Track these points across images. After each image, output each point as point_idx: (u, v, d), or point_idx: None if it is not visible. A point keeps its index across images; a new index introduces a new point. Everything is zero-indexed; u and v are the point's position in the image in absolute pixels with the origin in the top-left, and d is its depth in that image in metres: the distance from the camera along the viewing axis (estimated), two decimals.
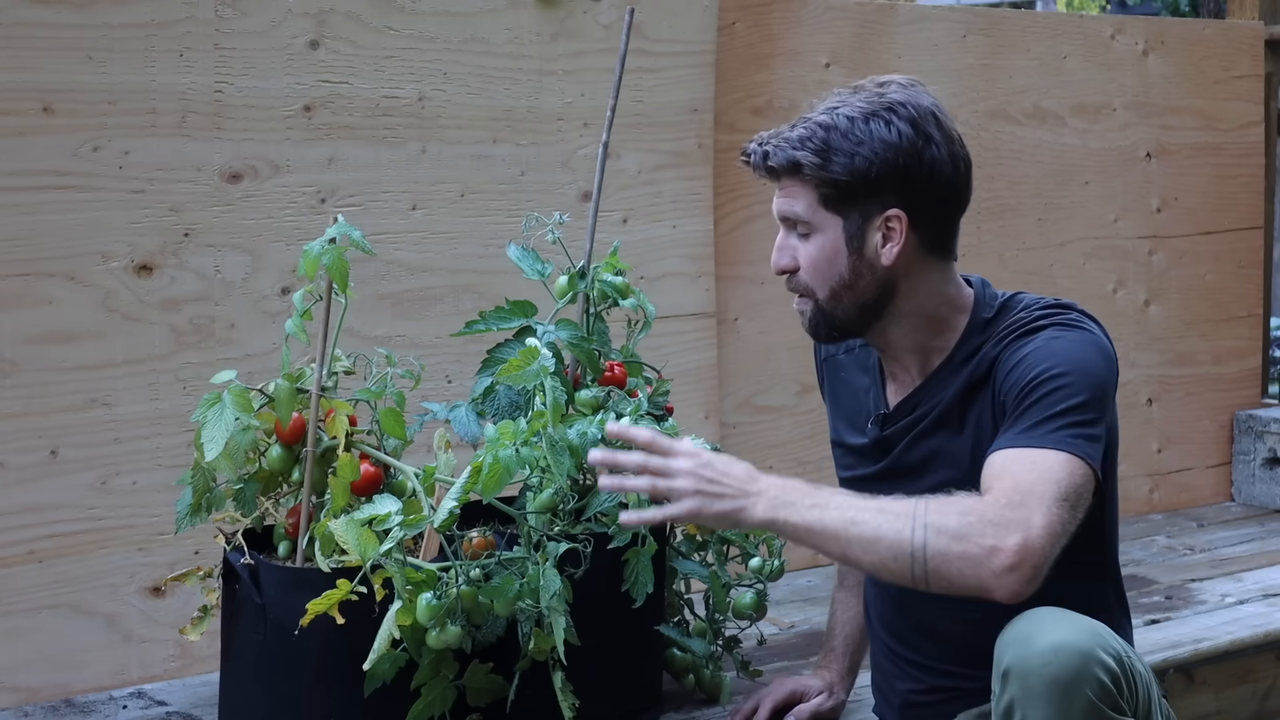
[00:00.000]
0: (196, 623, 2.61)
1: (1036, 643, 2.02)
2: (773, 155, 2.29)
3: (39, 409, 2.83)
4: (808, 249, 2.31)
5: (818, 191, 2.27)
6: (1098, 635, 2.03)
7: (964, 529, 2.02)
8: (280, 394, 2.46)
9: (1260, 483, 4.44)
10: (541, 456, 2.35)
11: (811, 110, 2.32)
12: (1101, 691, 2.00)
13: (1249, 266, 4.55)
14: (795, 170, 2.28)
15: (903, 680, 2.47)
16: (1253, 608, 3.43)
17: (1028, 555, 2.01)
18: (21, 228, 2.80)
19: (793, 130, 2.29)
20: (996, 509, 2.04)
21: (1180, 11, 14.79)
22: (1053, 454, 2.11)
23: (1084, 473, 2.12)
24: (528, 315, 2.63)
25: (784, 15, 3.70)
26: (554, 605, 2.32)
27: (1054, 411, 2.15)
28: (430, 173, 3.22)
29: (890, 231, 2.28)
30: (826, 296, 2.31)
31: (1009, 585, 2.01)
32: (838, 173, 2.26)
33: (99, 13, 2.85)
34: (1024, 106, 4.11)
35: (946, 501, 2.07)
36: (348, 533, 2.28)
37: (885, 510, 2.07)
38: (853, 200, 2.27)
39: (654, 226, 3.51)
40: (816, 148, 2.26)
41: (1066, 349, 2.22)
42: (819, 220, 2.29)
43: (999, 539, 2.01)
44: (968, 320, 2.34)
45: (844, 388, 2.52)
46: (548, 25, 3.34)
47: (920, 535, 2.03)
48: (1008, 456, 2.13)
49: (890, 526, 2.05)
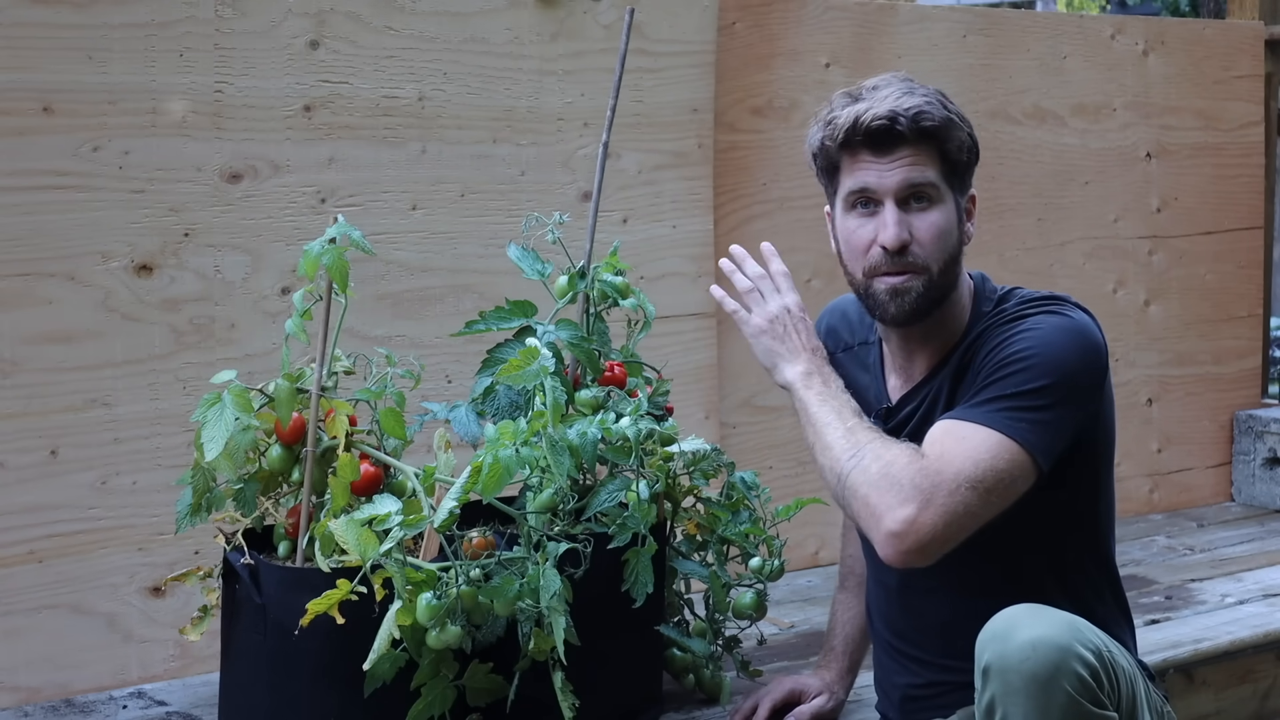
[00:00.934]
0: (196, 623, 2.61)
1: (1014, 639, 2.02)
2: (930, 114, 2.24)
3: (39, 409, 2.83)
4: (930, 219, 2.27)
5: (945, 162, 2.27)
6: (1075, 630, 2.03)
7: (878, 479, 2.13)
8: (280, 394, 2.46)
9: (1260, 483, 4.44)
10: (541, 456, 2.35)
11: (875, 92, 2.27)
12: (1080, 686, 2.00)
13: (1249, 266, 4.55)
14: (940, 133, 2.25)
15: (902, 675, 2.47)
16: (1253, 608, 3.43)
17: (914, 530, 2.09)
18: (21, 228, 2.80)
19: (911, 97, 2.25)
20: (911, 473, 2.12)
21: (1180, 11, 14.79)
22: (985, 432, 2.15)
23: (1014, 457, 2.14)
24: (528, 315, 2.63)
25: (784, 15, 3.70)
26: (554, 605, 2.32)
27: (1006, 392, 2.18)
28: (430, 173, 3.22)
29: (969, 213, 2.35)
30: (940, 270, 2.28)
31: (889, 550, 2.12)
32: (966, 144, 2.28)
33: (99, 13, 2.85)
34: (1024, 106, 4.11)
35: (887, 448, 2.16)
36: (348, 533, 2.28)
37: (854, 432, 2.20)
38: (965, 175, 2.31)
39: (654, 226, 3.51)
40: (957, 115, 2.27)
41: (1042, 335, 2.23)
42: (943, 191, 2.28)
43: (895, 505, 2.11)
44: (970, 312, 2.35)
45: (849, 385, 2.51)
46: (548, 25, 3.34)
47: (850, 465, 2.16)
48: (945, 427, 2.19)
49: (841, 445, 2.20)
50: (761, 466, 3.17)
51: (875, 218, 2.27)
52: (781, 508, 2.70)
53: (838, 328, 2.55)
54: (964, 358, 2.31)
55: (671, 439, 2.57)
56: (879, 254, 2.27)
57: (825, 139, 2.30)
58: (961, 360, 2.32)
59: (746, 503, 2.67)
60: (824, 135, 2.30)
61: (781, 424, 3.71)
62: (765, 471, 3.09)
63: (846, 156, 2.29)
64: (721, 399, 3.62)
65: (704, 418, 3.56)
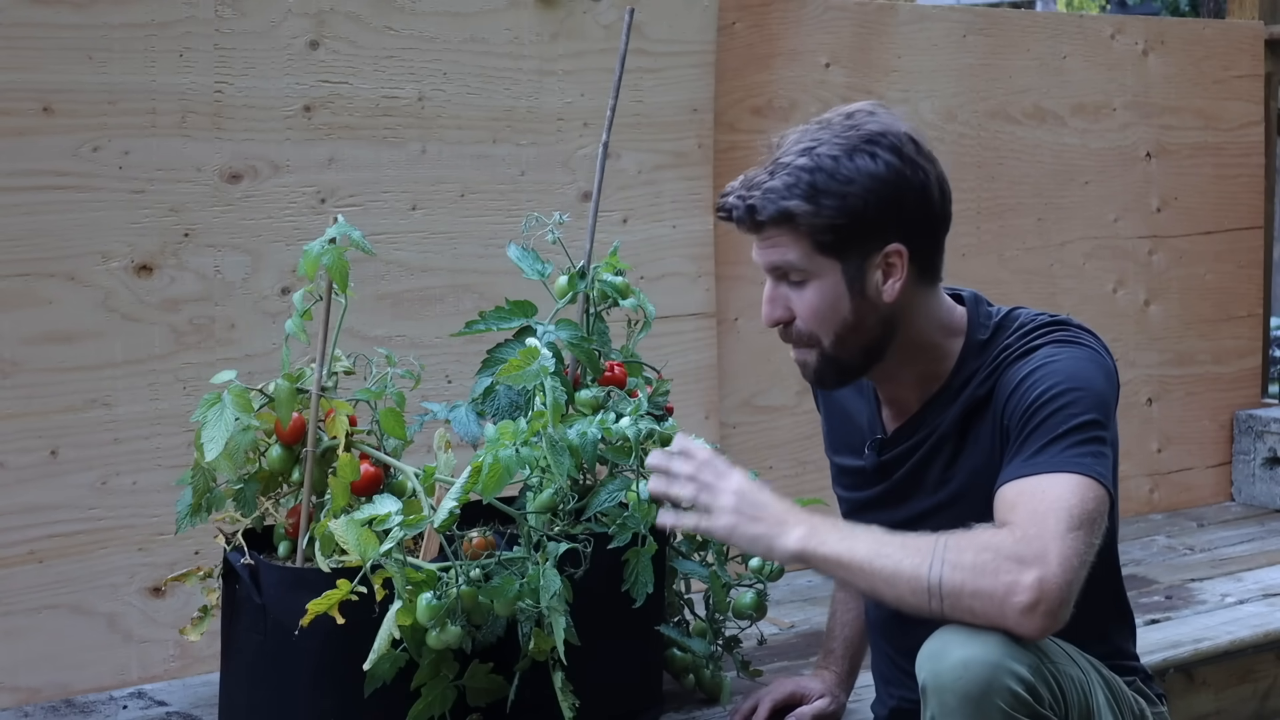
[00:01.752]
0: (196, 623, 2.61)
1: (947, 658, 2.00)
2: (761, 209, 2.17)
3: (39, 409, 2.83)
4: (806, 297, 2.22)
5: (811, 239, 2.18)
6: (1008, 646, 2.00)
7: (980, 566, 2.00)
8: (280, 394, 2.46)
9: (1260, 483, 4.44)
10: (541, 456, 2.35)
11: (779, 152, 2.22)
12: (1015, 701, 1.98)
13: (1249, 266, 4.54)
14: (786, 220, 2.18)
15: (898, 687, 2.46)
16: (1253, 608, 3.43)
17: (1046, 591, 1.97)
18: (21, 228, 2.80)
19: (773, 178, 2.18)
20: (1011, 544, 2.00)
21: (1180, 11, 14.79)
22: (1062, 478, 2.08)
23: (1096, 493, 2.08)
24: (528, 315, 2.62)
25: (784, 15, 3.70)
26: (554, 605, 2.32)
27: (1059, 433, 2.12)
28: (430, 173, 3.22)
29: (890, 267, 2.22)
30: (831, 343, 2.23)
31: (1032, 623, 1.99)
32: (832, 216, 2.16)
33: (99, 13, 2.85)
34: (1024, 106, 4.11)
35: (965, 536, 2.04)
36: (348, 533, 2.28)
37: (908, 545, 2.05)
38: (850, 242, 2.19)
39: (654, 226, 3.51)
40: (805, 193, 2.16)
41: (1067, 367, 2.18)
42: (815, 266, 2.20)
43: (1016, 575, 1.98)
44: (963, 343, 2.29)
45: (838, 409, 2.48)
46: (548, 25, 3.34)
47: (937, 571, 2.01)
48: (1018, 488, 2.10)
49: (910, 562, 2.03)
50: (761, 466, 3.17)
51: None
52: None
53: None
54: (973, 395, 2.26)
55: (671, 439, 2.56)
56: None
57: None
58: (971, 398, 2.27)
59: None
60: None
61: (781, 424, 3.71)
62: (765, 471, 3.09)
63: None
64: (721, 399, 3.62)
65: (704, 418, 3.56)
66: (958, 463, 2.29)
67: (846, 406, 2.46)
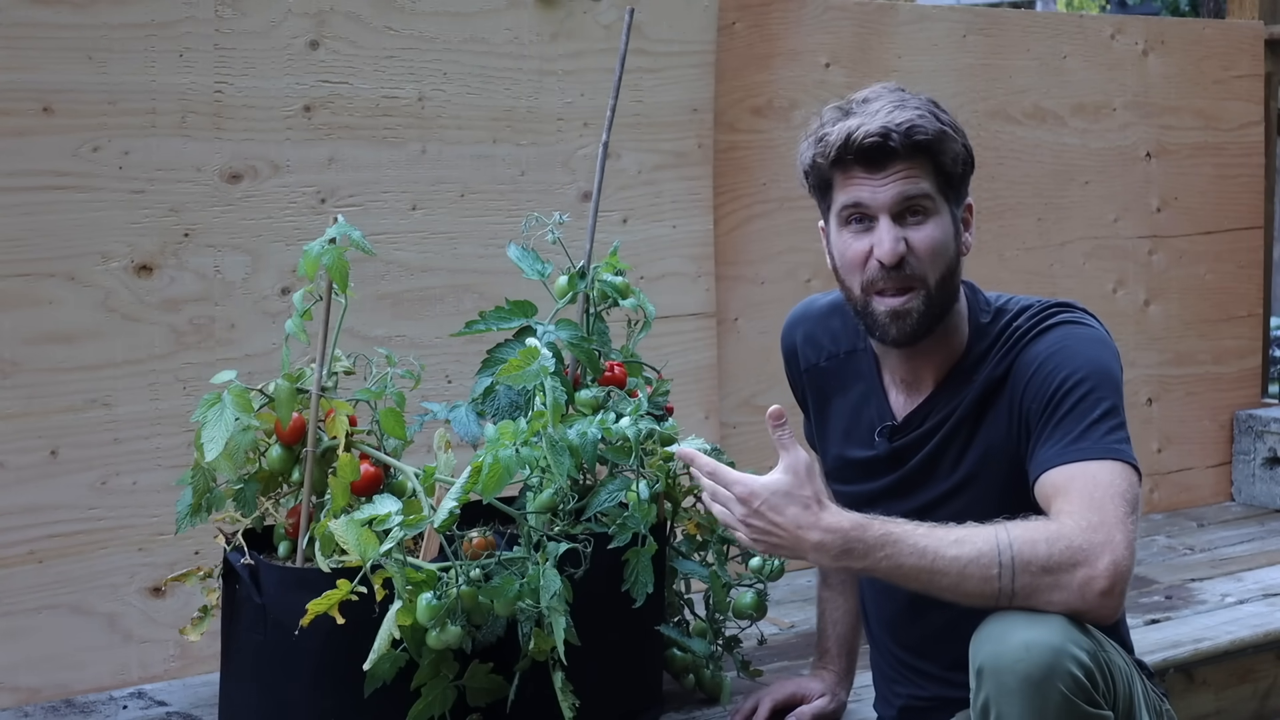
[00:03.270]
0: (196, 623, 2.61)
1: (1009, 640, 2.01)
2: (923, 128, 2.19)
3: (39, 409, 2.83)
4: (926, 231, 2.23)
5: (939, 175, 2.23)
6: (1069, 631, 2.02)
7: (1053, 559, 2.03)
8: (280, 394, 2.46)
9: (1260, 483, 4.44)
10: (541, 456, 2.35)
11: (860, 103, 2.24)
12: (1075, 686, 1.99)
13: (1249, 266, 4.55)
14: (932, 146, 2.21)
15: (905, 685, 2.46)
16: (1253, 607, 3.43)
17: (1119, 574, 2.03)
18: (21, 228, 2.80)
19: (903, 110, 2.21)
20: (1080, 533, 2.04)
21: (1180, 11, 14.79)
22: (1108, 464, 2.13)
23: (1135, 477, 2.14)
24: (528, 315, 2.62)
25: (784, 15, 3.70)
26: (554, 605, 2.32)
27: (1092, 419, 2.16)
28: (430, 173, 3.22)
29: (967, 222, 2.31)
30: (936, 284, 2.24)
31: (1108, 606, 2.04)
32: (960, 153, 2.24)
33: (99, 13, 2.85)
34: (1024, 106, 4.11)
35: (1028, 528, 2.05)
36: (348, 533, 2.28)
37: (964, 543, 2.05)
38: (961, 184, 2.27)
39: (654, 226, 3.51)
40: (948, 124, 2.23)
41: (1084, 350, 2.22)
42: (936, 204, 2.24)
43: (1091, 565, 2.03)
44: (968, 324, 2.33)
45: (835, 398, 2.48)
46: (548, 25, 3.34)
47: (1009, 574, 2.03)
48: (1065, 474, 2.13)
49: (975, 566, 2.03)
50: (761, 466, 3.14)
51: (870, 233, 2.23)
52: None
53: (817, 335, 2.50)
54: (989, 380, 2.28)
55: (671, 439, 2.56)
56: (875, 269, 2.23)
57: (817, 156, 2.25)
58: (987, 380, 2.28)
59: None
60: (815, 153, 2.25)
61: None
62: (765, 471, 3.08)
63: (839, 173, 2.24)
64: (721, 399, 3.62)
65: (704, 418, 3.56)
66: (972, 446, 2.31)
67: (845, 393, 2.44)
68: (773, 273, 3.68)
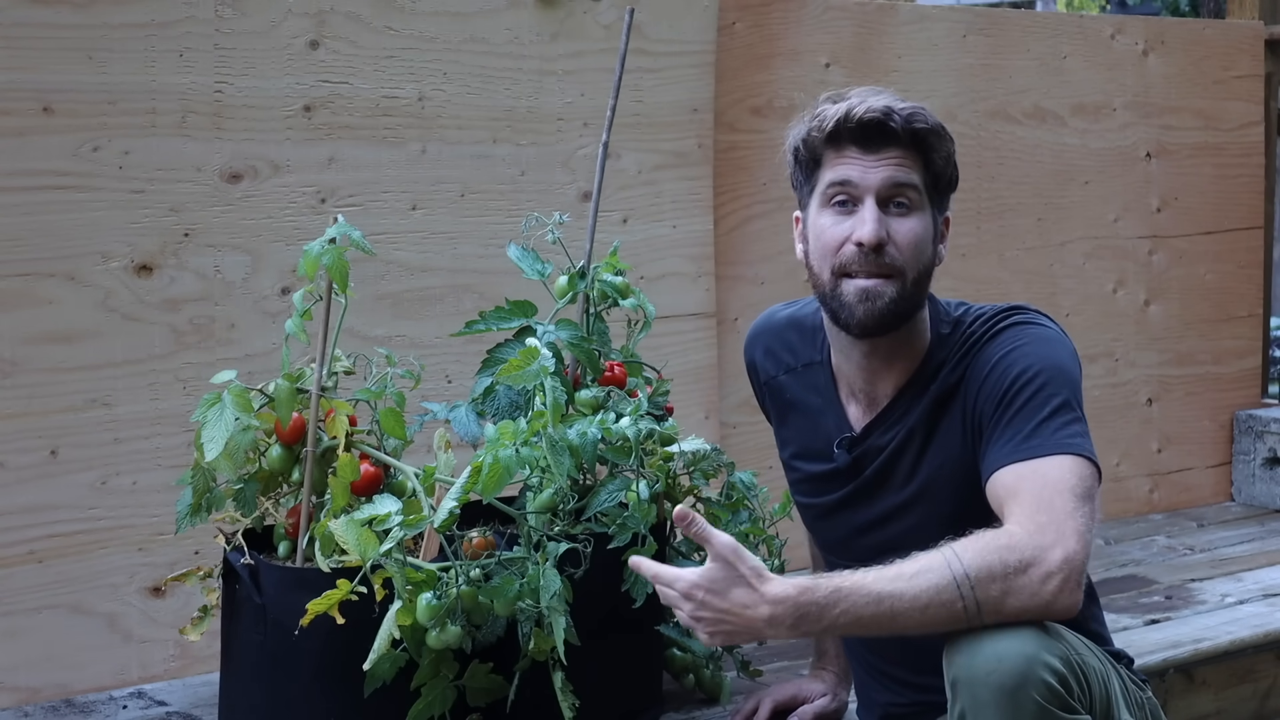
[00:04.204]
0: (196, 623, 2.61)
1: (981, 652, 2.00)
2: (922, 118, 2.19)
3: (39, 409, 2.83)
4: (909, 224, 2.21)
5: (928, 172, 2.22)
6: (1040, 638, 2.01)
7: (1008, 568, 2.00)
8: (280, 394, 2.46)
9: (1260, 483, 4.44)
10: (541, 456, 2.35)
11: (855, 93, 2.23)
12: (1049, 694, 1.98)
13: (1249, 266, 4.55)
14: (926, 140, 2.21)
15: (883, 693, 2.45)
16: (1253, 608, 3.43)
17: (1073, 568, 2.01)
18: (21, 228, 2.80)
19: (903, 101, 2.21)
20: (1029, 536, 2.02)
21: (1180, 11, 14.79)
22: (1056, 460, 2.10)
23: (1089, 469, 2.11)
24: (528, 315, 2.62)
25: (784, 15, 3.70)
26: (554, 605, 2.32)
27: (1042, 416, 2.14)
28: (430, 173, 3.22)
29: (943, 234, 2.29)
30: (913, 280, 2.22)
31: (1066, 601, 2.02)
32: (950, 157, 2.24)
33: (99, 13, 2.85)
34: (1024, 106, 4.11)
35: (978, 546, 2.02)
36: (348, 533, 2.28)
37: (919, 578, 2.00)
38: (946, 190, 2.27)
39: (654, 226, 3.51)
40: (944, 129, 2.23)
41: (1035, 349, 2.21)
42: (922, 200, 2.23)
43: (1044, 564, 2.00)
44: (929, 336, 2.30)
45: (792, 411, 2.46)
46: (548, 25, 3.34)
47: (969, 591, 2.00)
48: (1015, 473, 2.11)
49: (936, 602, 1.99)
50: (761, 466, 3.16)
51: (852, 216, 2.20)
52: (778, 506, 2.70)
53: (775, 349, 2.48)
54: (943, 388, 2.27)
55: (671, 439, 2.56)
56: (852, 251, 2.19)
57: (812, 130, 2.23)
58: (940, 390, 2.27)
59: (746, 503, 2.67)
60: (810, 128, 2.23)
61: None
62: (765, 471, 3.08)
63: (831, 151, 2.22)
64: (721, 399, 3.62)
65: (704, 418, 3.56)
66: (925, 456, 2.29)
67: (802, 407, 2.43)
68: (773, 273, 3.68)
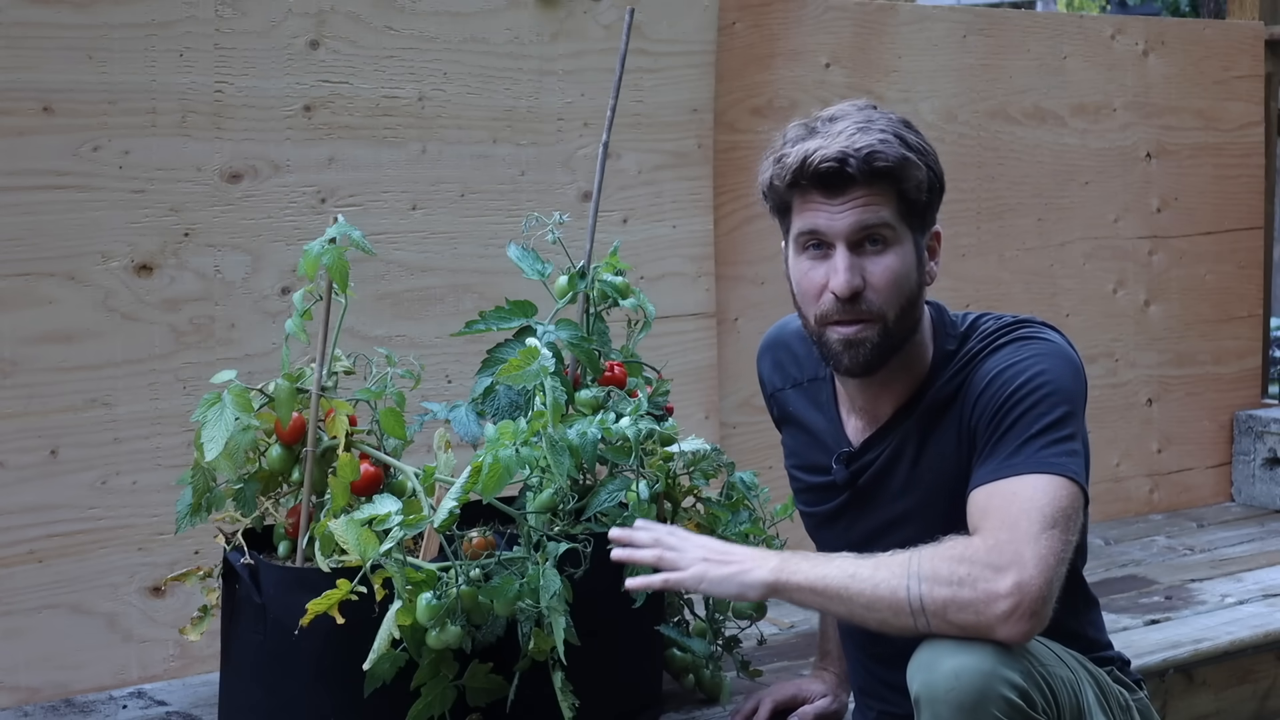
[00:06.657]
0: (196, 623, 2.61)
1: (939, 668, 1.99)
2: (883, 154, 2.10)
3: (39, 409, 2.83)
4: (886, 263, 2.14)
5: (902, 201, 2.14)
6: (999, 653, 1.99)
7: (958, 578, 1.99)
8: (280, 394, 2.46)
9: (1260, 483, 4.44)
10: (541, 456, 2.35)
11: (832, 125, 2.15)
12: (1010, 709, 1.98)
13: (1249, 266, 4.55)
14: (894, 173, 2.12)
15: (879, 701, 2.45)
16: (1253, 608, 3.43)
17: (1025, 594, 1.97)
18: (21, 228, 2.80)
19: (865, 134, 2.12)
20: (985, 552, 2.00)
21: (1180, 11, 14.79)
22: (1033, 479, 2.07)
23: (1068, 490, 2.07)
24: (528, 315, 2.63)
25: (784, 15, 3.70)
26: (554, 605, 2.32)
27: (1030, 434, 2.10)
28: (430, 173, 3.22)
29: (933, 249, 2.23)
30: (896, 316, 2.16)
31: (1017, 627, 1.99)
32: (925, 178, 2.15)
33: (99, 13, 2.85)
34: (1024, 106, 4.11)
35: (939, 550, 2.03)
36: (348, 533, 2.28)
37: (881, 566, 2.04)
38: (927, 211, 2.18)
39: (654, 226, 3.51)
40: (912, 148, 2.13)
41: (1032, 364, 2.16)
42: (898, 233, 2.15)
43: (993, 583, 1.98)
44: (932, 352, 2.27)
45: (796, 424, 2.45)
46: (548, 25, 3.34)
47: (916, 589, 2.00)
48: (988, 492, 2.09)
49: (887, 584, 2.02)
50: (761, 466, 3.16)
51: (827, 261, 2.15)
52: (780, 507, 2.70)
53: (784, 363, 2.47)
54: (937, 399, 2.23)
55: (671, 439, 2.57)
56: (830, 301, 2.15)
57: (774, 178, 2.18)
58: (934, 401, 2.24)
59: (746, 503, 2.67)
60: (773, 174, 2.18)
61: None
62: (765, 471, 3.08)
63: (797, 197, 2.17)
64: (721, 399, 3.62)
65: (704, 418, 3.56)
66: (920, 468, 2.27)
67: (805, 421, 2.42)
68: (773, 273, 3.67)
